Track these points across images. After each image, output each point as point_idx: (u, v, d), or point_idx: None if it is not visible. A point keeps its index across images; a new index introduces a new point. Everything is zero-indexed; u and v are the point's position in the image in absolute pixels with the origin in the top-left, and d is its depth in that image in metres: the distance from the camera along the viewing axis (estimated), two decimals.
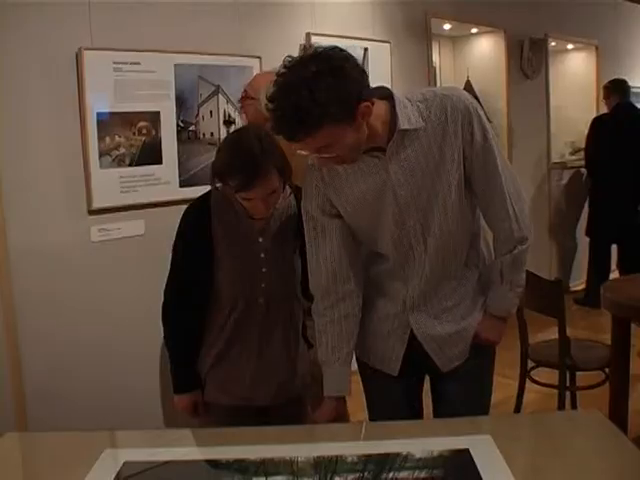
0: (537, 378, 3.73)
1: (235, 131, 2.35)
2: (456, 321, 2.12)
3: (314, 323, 2.19)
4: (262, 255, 2.28)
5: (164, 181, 3.74)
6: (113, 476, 1.65)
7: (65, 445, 1.91)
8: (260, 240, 2.28)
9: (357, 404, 2.25)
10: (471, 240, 2.14)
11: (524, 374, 3.71)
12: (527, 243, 2.10)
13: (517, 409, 3.67)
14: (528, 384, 3.72)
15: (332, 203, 2.08)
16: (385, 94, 1.98)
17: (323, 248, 2.11)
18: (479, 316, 2.15)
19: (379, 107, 1.92)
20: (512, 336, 3.57)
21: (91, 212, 3.54)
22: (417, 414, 2.27)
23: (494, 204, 2.06)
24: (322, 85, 1.74)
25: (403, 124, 1.92)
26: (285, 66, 1.81)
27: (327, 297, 2.13)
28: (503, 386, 3.36)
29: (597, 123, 6.08)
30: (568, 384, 3.60)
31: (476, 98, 4.63)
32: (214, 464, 1.73)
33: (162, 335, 2.39)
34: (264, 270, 2.29)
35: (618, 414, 3.32)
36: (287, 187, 2.28)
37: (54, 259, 3.33)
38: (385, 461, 1.66)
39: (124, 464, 1.71)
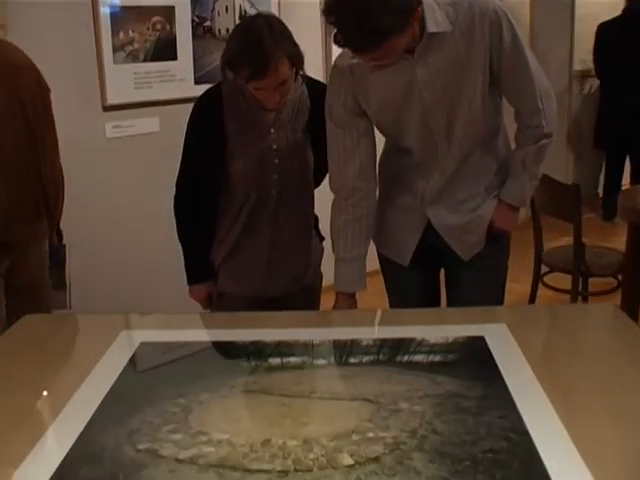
0: (550, 283, 3.74)
1: (245, 18, 2.29)
2: (472, 210, 2.15)
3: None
4: (274, 146, 2.25)
5: (179, 78, 3.69)
6: (129, 356, 1.67)
7: (82, 327, 1.94)
8: (272, 131, 2.25)
9: (375, 287, 2.26)
10: (492, 138, 2.15)
11: (537, 279, 3.72)
12: (552, 139, 2.12)
13: None
14: (541, 289, 3.74)
15: (357, 101, 2.08)
16: None
17: (349, 146, 2.11)
18: (493, 206, 2.18)
19: None
20: (526, 243, 3.58)
21: (105, 108, 3.51)
22: (434, 303, 2.33)
23: (525, 101, 2.07)
24: None
25: (431, 27, 1.91)
26: None
27: (351, 195, 2.13)
28: (516, 291, 3.37)
29: (603, 29, 5.87)
30: (580, 289, 3.61)
31: None
32: (230, 345, 1.74)
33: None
34: (276, 161, 2.26)
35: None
36: (299, 77, 2.24)
37: (69, 155, 3.29)
38: (400, 345, 1.68)
39: (140, 345, 1.73)
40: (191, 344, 1.77)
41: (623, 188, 5.85)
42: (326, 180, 2.38)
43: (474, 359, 1.61)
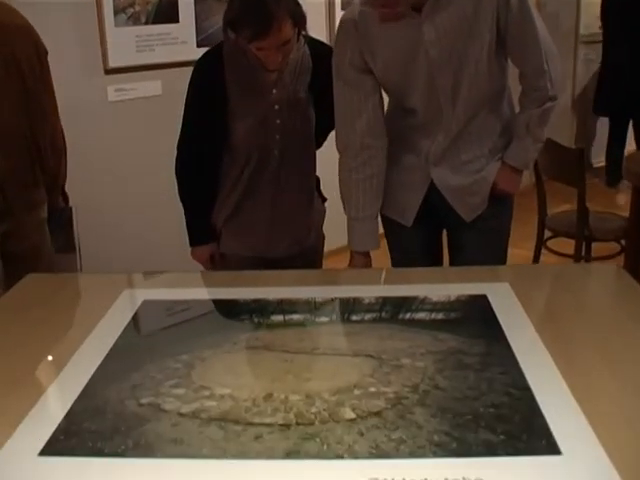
0: (553, 248, 3.74)
1: None
2: (476, 172, 2.15)
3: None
4: (276, 107, 2.24)
5: (181, 40, 3.66)
6: (132, 314, 1.68)
7: (85, 286, 1.95)
8: (274, 92, 2.23)
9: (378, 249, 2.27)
10: (497, 100, 2.15)
11: (540, 243, 3.71)
12: (557, 102, 2.11)
13: None
14: (544, 255, 3.73)
15: (364, 58, 2.07)
16: None
17: (357, 103, 2.11)
18: (497, 168, 2.17)
19: None
20: (529, 210, 3.58)
21: (107, 72, 3.49)
22: (436, 265, 2.33)
23: (530, 62, 2.06)
24: None
25: None
26: None
27: (360, 153, 2.13)
28: (518, 257, 3.38)
29: None
30: (584, 254, 3.61)
31: None
32: (232, 303, 1.74)
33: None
34: (278, 122, 2.25)
35: None
36: (301, 37, 2.21)
37: (71, 119, 3.27)
38: (402, 303, 1.68)
39: (143, 303, 1.73)
40: (193, 302, 1.77)
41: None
42: (327, 142, 2.38)
43: (476, 317, 1.61)
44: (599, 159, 6.28)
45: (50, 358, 1.48)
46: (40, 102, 2.40)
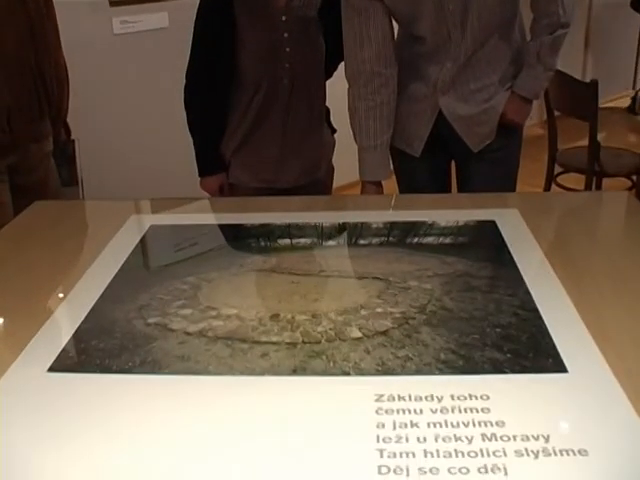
0: (563, 184, 3.71)
1: None
2: (484, 101, 2.12)
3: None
4: (285, 35, 2.20)
5: None
6: (139, 238, 1.67)
7: (93, 212, 1.95)
8: (283, 19, 2.19)
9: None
10: (507, 27, 2.10)
11: (550, 179, 3.69)
12: (568, 29, 2.08)
13: None
14: (554, 190, 3.70)
15: None
16: None
17: (366, 30, 2.06)
18: (506, 97, 2.14)
19: None
20: (539, 146, 3.54)
21: (112, 3, 3.45)
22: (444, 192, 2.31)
23: None
24: None
25: None
26: None
27: (370, 81, 2.09)
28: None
29: None
30: (594, 190, 3.58)
31: None
32: (239, 228, 1.74)
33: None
34: (288, 50, 2.21)
35: None
36: None
37: (76, 52, 3.24)
38: (410, 228, 1.68)
39: (150, 227, 1.73)
40: (201, 227, 1.77)
41: None
42: (338, 72, 2.34)
43: (485, 242, 1.60)
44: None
45: (58, 280, 1.48)
46: (44, 34, 2.37)
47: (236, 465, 0.93)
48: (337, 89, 2.34)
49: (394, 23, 2.12)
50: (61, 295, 1.40)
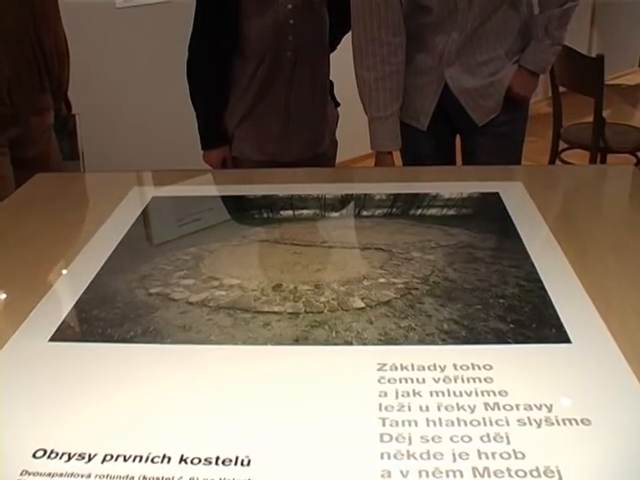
0: (568, 160, 3.69)
1: None
2: (490, 74, 2.11)
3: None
4: (289, 6, 2.18)
5: None
6: (141, 209, 1.66)
7: (94, 184, 1.93)
8: None
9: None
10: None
11: (555, 154, 3.67)
12: (577, 2, 2.05)
13: None
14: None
15: None
16: None
17: None
18: (512, 71, 2.12)
19: None
20: (544, 123, 3.52)
21: None
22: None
23: None
24: None
25: None
26: None
27: (379, 51, 2.07)
28: None
29: None
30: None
31: None
32: (242, 199, 1.73)
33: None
34: (291, 22, 2.19)
35: None
36: None
37: (77, 25, 3.22)
38: (413, 200, 1.66)
39: (152, 199, 1.72)
40: (203, 198, 1.76)
41: None
42: (341, 46, 2.32)
43: (488, 214, 1.59)
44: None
45: (59, 252, 1.47)
46: (43, 6, 2.34)
47: (237, 433, 0.92)
48: (341, 63, 2.32)
49: None
50: (62, 266, 1.40)
